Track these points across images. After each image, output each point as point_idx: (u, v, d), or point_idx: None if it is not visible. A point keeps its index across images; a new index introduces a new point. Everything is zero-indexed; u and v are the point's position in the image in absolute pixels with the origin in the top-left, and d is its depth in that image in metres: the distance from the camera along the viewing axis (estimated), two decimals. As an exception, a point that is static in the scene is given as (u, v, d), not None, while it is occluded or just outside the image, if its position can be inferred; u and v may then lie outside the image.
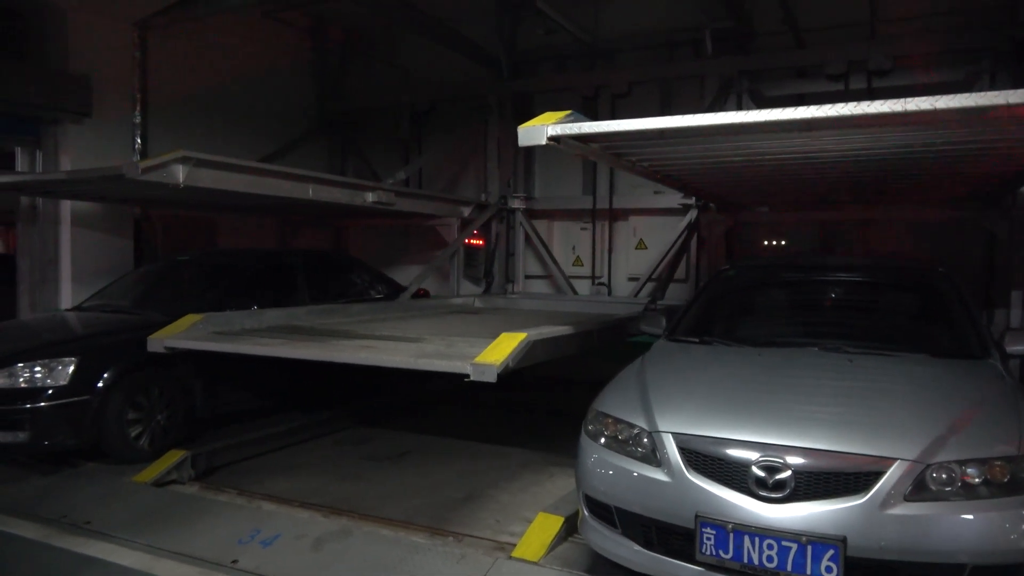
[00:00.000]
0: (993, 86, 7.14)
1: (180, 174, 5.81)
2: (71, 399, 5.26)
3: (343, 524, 4.49)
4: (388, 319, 6.73)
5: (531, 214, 9.94)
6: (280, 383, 6.93)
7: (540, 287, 10.05)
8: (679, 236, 8.34)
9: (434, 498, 4.98)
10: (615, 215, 9.50)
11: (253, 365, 6.52)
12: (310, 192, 7.15)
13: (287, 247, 10.22)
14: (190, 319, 5.37)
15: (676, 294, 8.65)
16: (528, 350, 4.31)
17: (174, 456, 5.32)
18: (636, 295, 8.57)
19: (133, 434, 5.59)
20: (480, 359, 4.12)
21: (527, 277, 10.11)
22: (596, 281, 9.59)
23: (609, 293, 9.40)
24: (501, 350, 4.17)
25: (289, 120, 10.36)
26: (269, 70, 10.00)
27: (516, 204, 9.77)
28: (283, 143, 10.05)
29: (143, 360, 5.67)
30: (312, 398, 7.32)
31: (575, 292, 9.46)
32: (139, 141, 8.11)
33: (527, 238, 9.92)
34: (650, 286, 8.75)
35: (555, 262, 9.63)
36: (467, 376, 4.08)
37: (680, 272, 8.74)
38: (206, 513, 4.63)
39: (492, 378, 4.02)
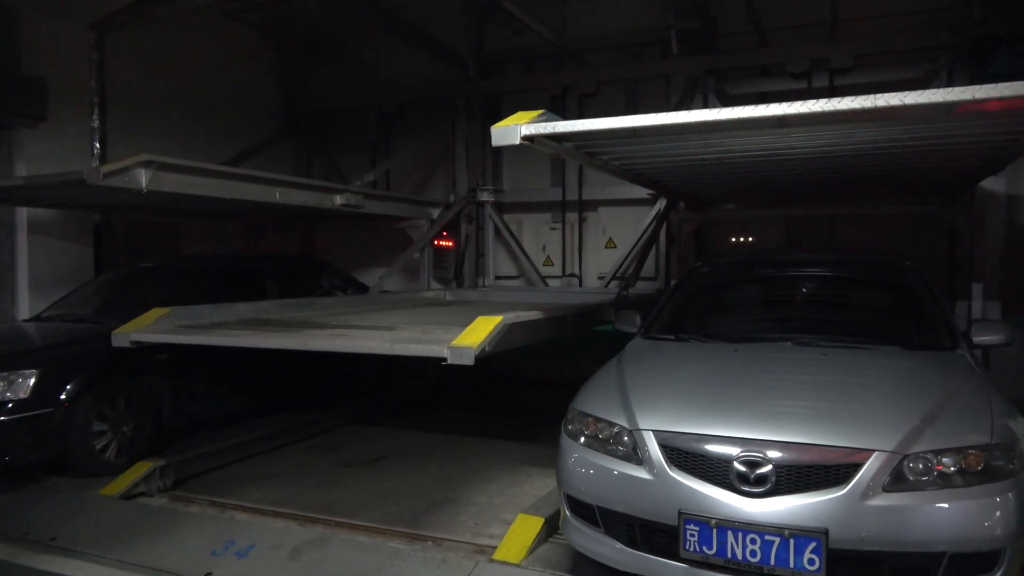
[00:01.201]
0: (950, 83, 7.30)
1: (143, 178, 5.68)
2: (33, 412, 5.11)
3: (320, 532, 4.41)
4: (360, 312, 6.63)
5: (501, 208, 9.91)
6: (251, 390, 6.83)
7: (512, 289, 10.02)
8: (648, 225, 8.34)
9: (412, 503, 4.92)
10: (585, 206, 9.53)
11: (223, 372, 6.48)
12: (277, 195, 7.04)
13: (254, 251, 10.06)
14: (156, 312, 5.18)
15: (648, 285, 8.68)
16: (504, 333, 4.27)
17: (142, 468, 5.20)
18: (607, 285, 8.59)
19: (99, 446, 5.45)
20: (457, 342, 4.06)
21: (498, 278, 10.08)
22: (567, 273, 9.61)
23: (580, 285, 9.42)
24: (478, 333, 4.13)
25: (254, 122, 10.19)
26: (232, 72, 9.84)
27: (485, 197, 9.72)
28: (248, 146, 9.88)
29: (107, 370, 5.55)
30: (283, 404, 7.22)
31: (547, 285, 9.48)
32: (97, 146, 7.89)
33: (496, 231, 9.88)
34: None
35: (526, 255, 9.60)
36: (444, 360, 4.02)
37: (649, 270, 8.78)
38: (177, 525, 4.52)
39: (470, 361, 3.97)
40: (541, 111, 3.90)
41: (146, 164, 5.65)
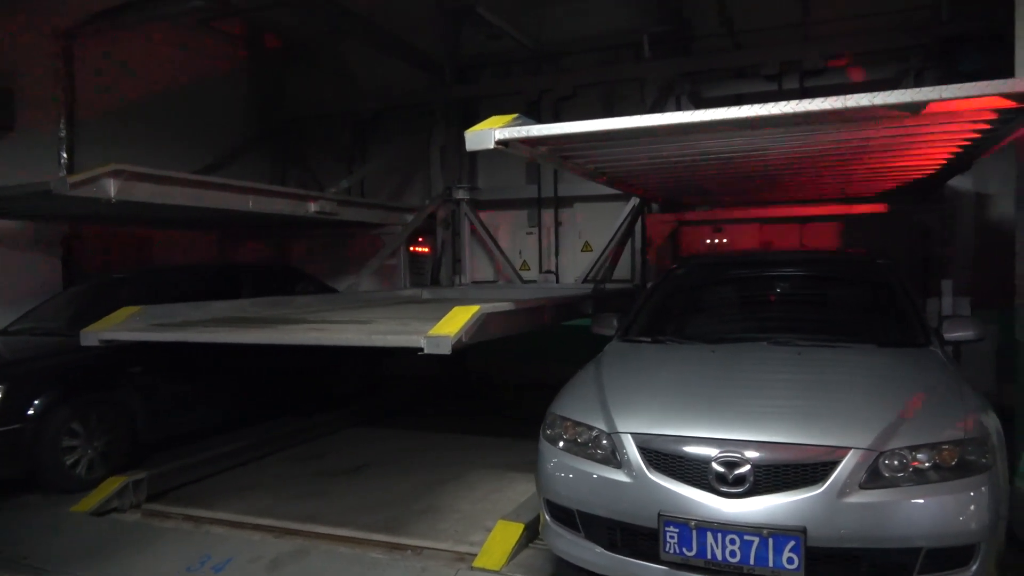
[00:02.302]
0: (920, 83, 7.40)
1: (112, 188, 5.59)
2: (1, 429, 5.00)
3: (299, 544, 4.36)
4: (337, 309, 6.56)
5: (477, 206, 9.87)
6: (230, 401, 6.74)
7: (490, 293, 9.98)
8: (622, 222, 8.35)
9: (393, 511, 4.88)
10: (561, 202, 9.54)
11: (200, 383, 6.39)
12: (251, 204, 6.97)
13: (229, 261, 9.94)
14: (127, 311, 5.05)
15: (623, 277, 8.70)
16: (481, 324, 4.25)
17: (114, 483, 5.11)
18: (584, 280, 8.59)
19: (70, 462, 5.35)
20: (434, 332, 4.02)
21: (475, 283, 10.05)
22: (544, 270, 9.61)
23: (557, 282, 9.43)
24: (455, 323, 4.10)
25: (227, 130, 10.09)
26: (204, 80, 9.73)
27: (461, 195, 9.67)
28: (221, 154, 9.78)
29: (78, 384, 5.44)
30: (264, 415, 7.14)
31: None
32: (65, 155, 7.78)
33: (473, 230, 9.84)
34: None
35: (502, 253, 9.57)
36: (421, 349, 3.98)
37: (625, 271, 8.79)
38: (152, 541, 4.45)
39: (447, 350, 3.93)
40: (515, 115, 3.90)
41: (115, 174, 5.56)
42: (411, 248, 9.72)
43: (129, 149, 8.12)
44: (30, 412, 5.12)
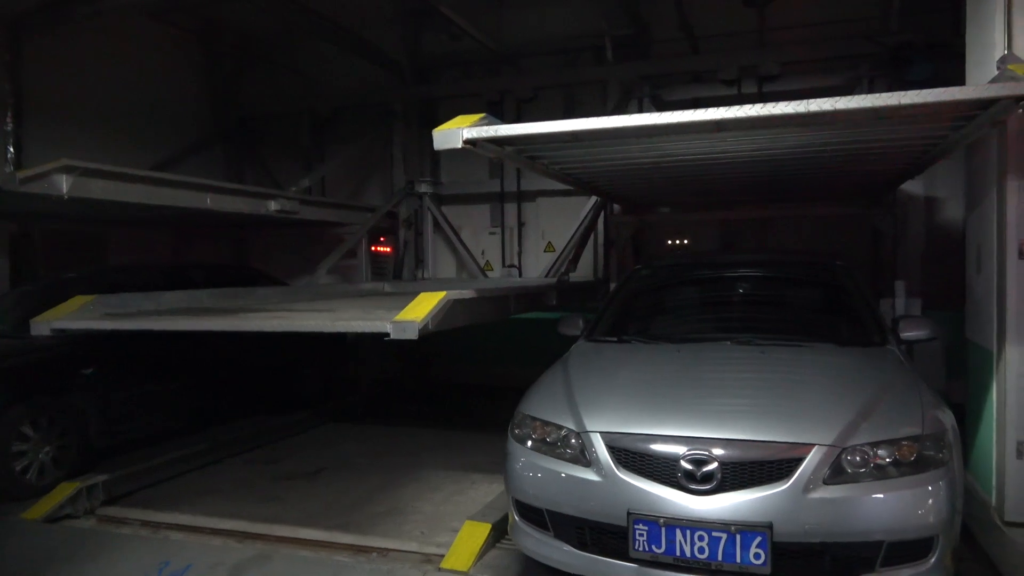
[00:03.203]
0: (871, 90, 7.61)
1: (64, 185, 5.42)
2: (-55, 434, 4.81)
3: (260, 549, 4.28)
4: (298, 300, 6.46)
5: (440, 200, 9.82)
6: (188, 404, 6.60)
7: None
8: (584, 216, 8.37)
9: (356, 514, 4.83)
10: (524, 196, 9.56)
11: (156, 386, 6.23)
12: (208, 202, 6.83)
13: (185, 261, 9.71)
14: (80, 300, 4.86)
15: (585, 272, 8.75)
16: (448, 310, 4.21)
17: (67, 489, 4.96)
18: (547, 275, 8.61)
19: (19, 468, 5.18)
20: (400, 317, 3.96)
21: (438, 279, 10.00)
22: (507, 264, 9.62)
23: (520, 276, 9.46)
24: (422, 308, 4.05)
25: (182, 128, 9.86)
26: (157, 76, 9.49)
27: (424, 189, 9.61)
28: (174, 152, 9.55)
29: (28, 387, 5.27)
30: (223, 418, 7.01)
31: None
32: (11, 150, 7.51)
33: (436, 225, 9.79)
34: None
35: (465, 247, 9.53)
36: (387, 335, 3.91)
37: (587, 271, 8.83)
38: (107, 548, 4.33)
39: (414, 335, 3.88)
40: (482, 115, 3.89)
41: (67, 169, 5.40)
42: (373, 248, 9.63)
43: (79, 146, 7.90)
44: (-24, 417, 4.93)
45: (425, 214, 9.72)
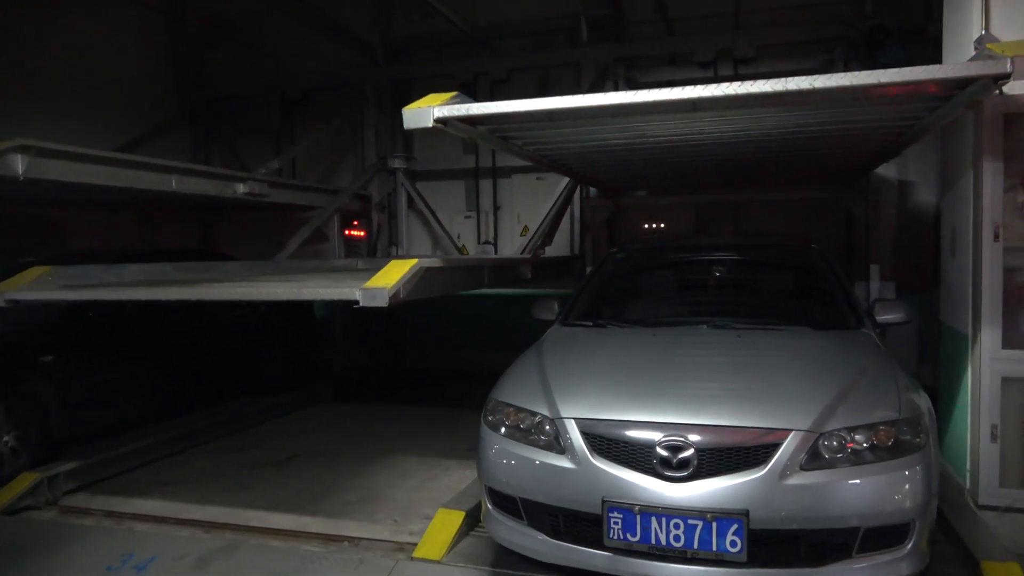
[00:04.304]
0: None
1: (19, 165, 5.18)
2: None
3: (228, 539, 4.18)
4: (266, 275, 6.29)
5: (414, 176, 9.63)
6: (152, 391, 6.45)
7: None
8: (560, 194, 8.25)
9: (326, 503, 4.73)
10: (499, 173, 9.38)
11: (119, 373, 6.07)
12: (173, 184, 6.60)
13: (150, 247, 9.47)
14: (37, 271, 4.65)
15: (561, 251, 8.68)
16: (420, 278, 4.08)
17: (27, 480, 4.81)
18: (522, 252, 8.53)
19: (-24, 459, 5.00)
20: (370, 284, 3.82)
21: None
22: (482, 241, 9.51)
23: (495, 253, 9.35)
24: (392, 275, 3.92)
25: (146, 109, 9.55)
26: (122, 55, 9.18)
27: (397, 164, 9.39)
28: (138, 133, 9.25)
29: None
30: (190, 405, 6.86)
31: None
32: (-34, 130, 7.23)
33: (410, 203, 9.61)
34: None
35: (440, 223, 9.37)
36: (356, 302, 3.78)
37: (563, 249, 8.74)
38: (69, 540, 4.20)
39: (383, 302, 3.74)
40: (455, 92, 3.79)
41: (22, 149, 5.16)
42: (346, 232, 9.46)
43: (39, 126, 7.60)
44: (-71, 406, 4.75)
45: (399, 190, 9.52)
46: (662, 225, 8.57)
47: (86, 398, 5.78)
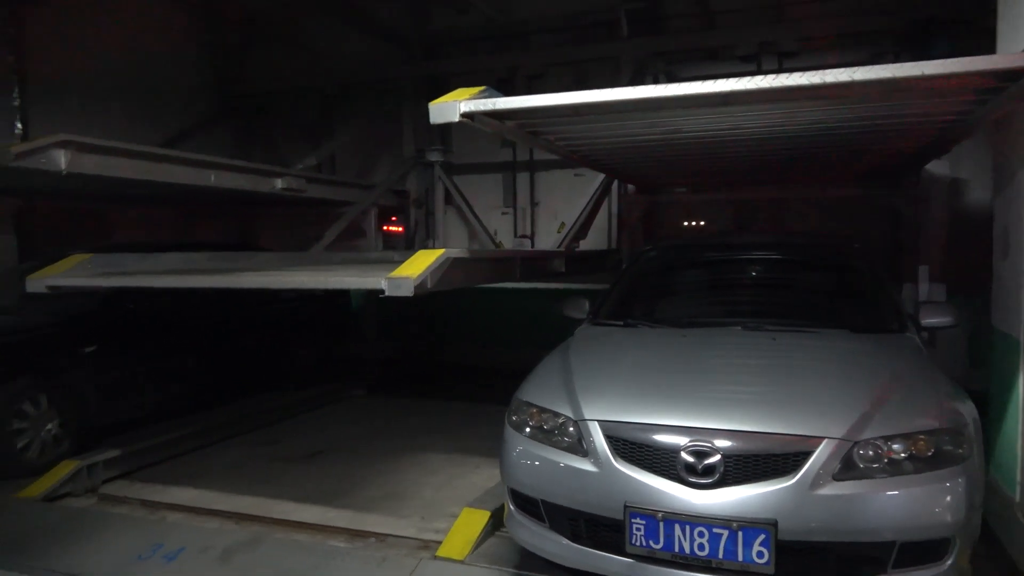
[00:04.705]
0: (896, 66, 7.31)
1: (62, 160, 5.31)
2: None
3: (254, 532, 4.21)
4: (300, 266, 6.26)
5: (450, 170, 9.60)
6: (187, 383, 6.57)
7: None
8: (596, 190, 8.15)
9: (353, 498, 4.73)
10: (536, 166, 9.32)
11: (156, 364, 6.19)
12: (212, 179, 6.71)
13: (190, 240, 9.63)
14: (76, 258, 4.79)
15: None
16: (447, 269, 4.00)
17: (66, 467, 4.92)
18: (559, 246, 8.46)
19: (20, 445, 5.14)
20: (396, 273, 3.76)
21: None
22: (519, 235, 9.45)
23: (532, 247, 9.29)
24: (418, 265, 3.85)
25: (188, 105, 9.73)
26: (163, 52, 9.35)
27: (434, 157, 9.37)
28: (182, 129, 9.44)
29: (29, 365, 5.22)
30: (224, 397, 6.97)
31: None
32: (19, 125, 7.46)
33: (447, 197, 9.59)
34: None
35: (476, 216, 9.34)
36: (382, 292, 3.73)
37: (600, 244, 8.63)
38: (103, 528, 4.27)
39: (409, 292, 3.68)
40: (483, 87, 3.73)
41: (64, 144, 5.28)
42: (384, 228, 9.50)
43: (85, 123, 7.80)
44: (-26, 394, 4.90)
45: (436, 183, 9.51)
46: (701, 223, 8.40)
47: (124, 388, 5.92)
